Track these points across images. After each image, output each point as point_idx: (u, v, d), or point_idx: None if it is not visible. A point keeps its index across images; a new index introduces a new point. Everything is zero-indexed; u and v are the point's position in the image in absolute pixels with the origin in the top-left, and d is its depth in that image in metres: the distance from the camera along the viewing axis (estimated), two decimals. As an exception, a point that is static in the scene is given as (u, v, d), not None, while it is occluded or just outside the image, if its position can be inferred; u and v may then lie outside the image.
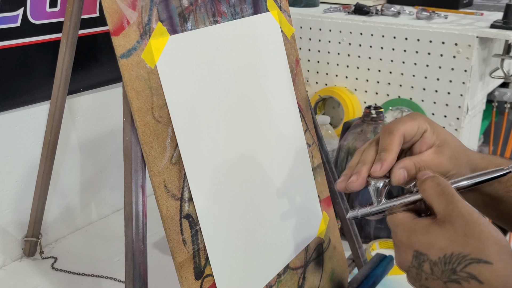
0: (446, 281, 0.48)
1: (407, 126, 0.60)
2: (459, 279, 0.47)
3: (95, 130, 1.12)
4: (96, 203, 1.16)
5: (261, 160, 0.78)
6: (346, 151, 1.11)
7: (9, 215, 1.00)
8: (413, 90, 1.38)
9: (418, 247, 0.50)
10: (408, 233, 0.51)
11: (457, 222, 0.48)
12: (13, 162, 0.98)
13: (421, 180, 0.53)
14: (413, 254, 0.50)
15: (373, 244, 1.09)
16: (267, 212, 0.78)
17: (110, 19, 0.60)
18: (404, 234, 0.52)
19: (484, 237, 0.47)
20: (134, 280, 0.63)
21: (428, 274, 0.49)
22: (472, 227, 0.48)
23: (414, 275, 0.51)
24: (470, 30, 1.28)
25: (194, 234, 0.65)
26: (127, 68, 0.60)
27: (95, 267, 1.01)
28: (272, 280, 0.77)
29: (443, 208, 0.50)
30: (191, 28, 0.70)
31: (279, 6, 0.88)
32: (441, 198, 0.51)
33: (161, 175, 0.63)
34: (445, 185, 0.51)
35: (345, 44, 1.44)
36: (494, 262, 0.46)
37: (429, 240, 0.49)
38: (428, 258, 0.49)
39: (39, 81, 0.97)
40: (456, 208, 0.49)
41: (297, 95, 0.88)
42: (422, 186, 0.53)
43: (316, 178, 0.90)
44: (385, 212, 0.56)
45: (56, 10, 0.96)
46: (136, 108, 0.61)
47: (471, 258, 0.47)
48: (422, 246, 0.50)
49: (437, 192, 0.51)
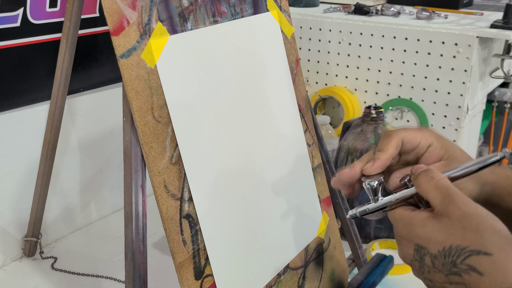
0: (447, 274, 0.48)
1: (408, 133, 0.60)
2: (459, 271, 0.47)
3: (95, 130, 1.12)
4: (96, 203, 1.16)
5: (261, 160, 0.78)
6: (346, 151, 1.11)
7: (9, 215, 1.00)
8: (413, 90, 1.38)
9: (417, 240, 0.50)
10: (407, 227, 0.51)
11: (454, 215, 0.48)
12: (13, 162, 0.98)
13: (415, 174, 0.53)
14: (414, 248, 0.51)
15: (373, 244, 1.09)
16: (267, 212, 0.78)
17: (110, 19, 0.60)
18: (403, 229, 0.52)
19: (482, 228, 0.47)
20: (134, 280, 0.63)
21: (430, 267, 0.50)
22: (469, 219, 0.48)
23: (417, 268, 0.51)
24: (470, 30, 1.28)
25: (194, 234, 0.65)
26: (127, 68, 0.60)
27: (95, 267, 1.00)
28: (272, 280, 0.77)
29: (439, 202, 0.50)
30: (191, 28, 0.69)
31: (279, 6, 0.88)
32: (436, 192, 0.50)
33: (161, 175, 0.63)
34: (439, 178, 0.51)
35: (345, 44, 1.44)
36: (494, 253, 0.46)
37: (427, 233, 0.50)
38: (428, 251, 0.49)
39: (39, 81, 0.97)
40: (452, 201, 0.49)
41: (297, 95, 0.88)
42: (416, 181, 0.53)
43: (316, 178, 0.90)
44: (385, 208, 0.56)
45: (56, 10, 0.96)
46: (136, 108, 0.61)
47: (470, 250, 0.47)
48: (422, 240, 0.50)
49: (431, 186, 0.51)
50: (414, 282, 1.01)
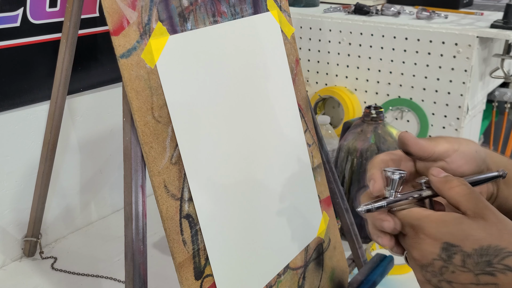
0: (478, 273, 0.49)
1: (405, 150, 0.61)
2: (494, 271, 0.48)
3: (95, 130, 1.12)
4: (96, 203, 1.16)
5: (261, 160, 0.78)
6: (346, 151, 1.11)
7: (9, 215, 1.00)
8: (413, 90, 1.38)
9: (448, 238, 0.50)
10: (437, 224, 0.51)
11: (489, 218, 0.50)
12: (13, 162, 0.98)
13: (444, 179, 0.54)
14: (442, 246, 0.51)
15: (373, 244, 1.09)
16: (267, 212, 0.78)
17: (110, 19, 0.60)
18: (431, 226, 0.52)
19: None
20: (134, 280, 0.63)
21: (457, 267, 0.50)
22: (504, 223, 0.49)
23: (436, 269, 0.51)
24: (470, 30, 1.28)
25: (194, 234, 0.65)
26: (127, 68, 0.60)
27: (95, 267, 1.00)
28: (272, 280, 0.77)
29: (473, 205, 0.51)
30: (191, 28, 0.69)
31: (279, 6, 0.88)
32: (470, 196, 0.52)
33: (161, 175, 0.63)
34: (470, 186, 0.53)
35: (345, 44, 1.44)
36: None
37: (463, 231, 0.50)
38: (461, 249, 0.50)
39: (39, 81, 0.97)
40: (487, 206, 0.51)
41: (297, 95, 0.88)
42: (447, 184, 0.53)
43: (316, 178, 0.90)
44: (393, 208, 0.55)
45: (56, 10, 0.96)
46: (136, 108, 0.61)
47: (508, 251, 0.48)
48: (455, 238, 0.50)
49: (465, 191, 0.52)
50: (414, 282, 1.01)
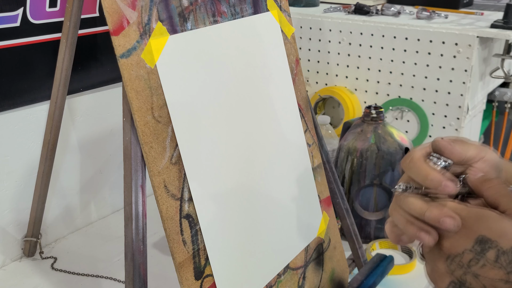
0: (510, 272, 0.49)
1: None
2: None
3: (95, 130, 1.12)
4: (96, 203, 1.16)
5: (261, 160, 0.78)
6: (346, 151, 1.11)
7: (9, 215, 1.00)
8: (413, 90, 1.38)
9: (486, 232, 0.51)
10: (476, 218, 0.52)
11: None
12: (13, 162, 0.98)
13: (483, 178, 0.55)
14: (477, 239, 0.51)
15: (373, 244, 1.09)
16: (267, 212, 0.78)
17: (110, 19, 0.60)
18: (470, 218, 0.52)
19: None
20: (134, 280, 0.63)
21: (489, 261, 0.50)
22: None
23: (465, 261, 0.52)
24: (470, 30, 1.28)
25: (194, 234, 0.65)
26: (127, 68, 0.60)
27: (95, 267, 1.00)
28: (272, 280, 0.77)
29: None
30: (191, 28, 0.69)
31: (279, 5, 0.87)
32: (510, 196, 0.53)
33: (161, 175, 0.62)
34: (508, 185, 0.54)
35: (345, 44, 1.44)
36: None
37: (502, 228, 0.51)
38: (497, 245, 0.50)
39: (39, 81, 0.97)
40: None
41: (297, 95, 0.88)
42: (487, 183, 0.54)
43: (316, 178, 0.90)
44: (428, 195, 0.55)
45: (55, 10, 0.96)
46: (136, 108, 0.61)
47: None
48: (493, 233, 0.51)
49: (505, 190, 0.53)
50: (414, 282, 1.02)
